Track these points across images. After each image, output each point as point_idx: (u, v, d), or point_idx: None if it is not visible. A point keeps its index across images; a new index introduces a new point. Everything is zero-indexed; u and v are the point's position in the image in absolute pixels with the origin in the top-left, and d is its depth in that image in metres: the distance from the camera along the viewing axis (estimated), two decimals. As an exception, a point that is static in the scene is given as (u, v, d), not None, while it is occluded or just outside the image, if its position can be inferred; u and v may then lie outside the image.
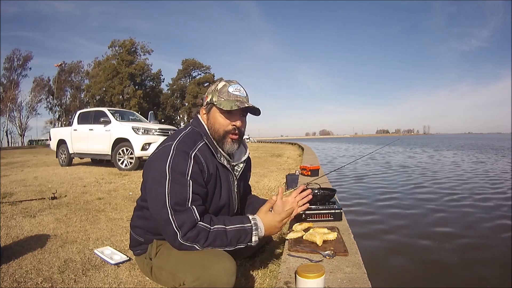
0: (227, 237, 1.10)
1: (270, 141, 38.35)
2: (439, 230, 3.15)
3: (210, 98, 1.25)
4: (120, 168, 6.51)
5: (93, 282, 1.62)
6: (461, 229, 3.16)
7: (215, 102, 1.23)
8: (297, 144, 19.81)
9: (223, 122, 1.23)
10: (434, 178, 6.67)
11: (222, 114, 1.23)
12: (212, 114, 1.25)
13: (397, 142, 31.93)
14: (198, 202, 1.11)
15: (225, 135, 1.24)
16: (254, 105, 1.23)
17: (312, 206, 1.83)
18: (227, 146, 1.25)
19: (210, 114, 1.26)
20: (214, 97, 1.24)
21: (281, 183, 4.40)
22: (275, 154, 11.85)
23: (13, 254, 1.94)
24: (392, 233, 3.08)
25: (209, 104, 1.26)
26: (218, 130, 1.24)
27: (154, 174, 1.13)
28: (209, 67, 49.27)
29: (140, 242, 1.31)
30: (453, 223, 3.38)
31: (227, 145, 1.24)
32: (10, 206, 3.27)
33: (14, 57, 39.49)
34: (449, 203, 4.27)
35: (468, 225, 3.29)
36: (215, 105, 1.23)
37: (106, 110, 7.32)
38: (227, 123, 1.23)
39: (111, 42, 42.67)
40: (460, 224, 3.33)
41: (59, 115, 44.13)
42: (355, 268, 1.21)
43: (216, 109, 1.24)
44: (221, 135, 1.23)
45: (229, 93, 1.23)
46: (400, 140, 42.75)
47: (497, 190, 5.16)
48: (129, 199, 3.61)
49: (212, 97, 1.24)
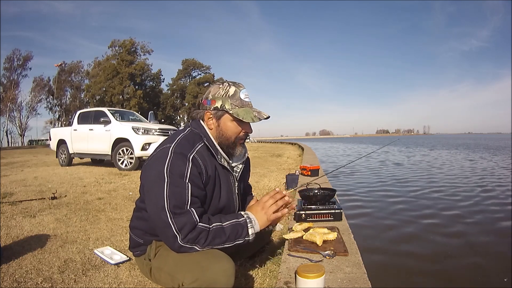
0: (225, 234, 1.10)
1: (270, 141, 38.33)
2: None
3: (220, 104, 1.21)
4: (120, 168, 6.51)
5: (93, 282, 1.62)
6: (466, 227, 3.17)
7: (229, 110, 1.20)
8: (297, 144, 19.80)
9: (235, 130, 1.23)
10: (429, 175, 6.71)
11: (235, 121, 1.22)
12: (223, 121, 1.23)
13: (397, 142, 31.95)
14: (197, 204, 1.10)
15: (237, 141, 1.25)
16: (269, 115, 1.25)
17: (312, 206, 1.84)
18: (238, 151, 1.27)
19: (221, 120, 1.23)
20: (226, 104, 1.20)
21: (281, 183, 4.40)
22: (275, 154, 11.85)
23: (13, 254, 1.94)
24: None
25: (219, 111, 1.22)
26: (230, 137, 1.23)
27: (152, 177, 1.12)
28: (209, 67, 49.31)
29: (140, 243, 1.31)
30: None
31: (237, 150, 1.26)
32: (10, 206, 3.27)
33: (14, 57, 39.52)
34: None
35: (470, 226, 3.30)
36: (230, 113, 1.21)
37: (106, 110, 7.31)
38: (239, 130, 1.23)
39: (111, 42, 42.69)
40: (461, 223, 3.34)
41: (59, 115, 44.16)
42: (355, 268, 1.21)
43: (229, 117, 1.22)
44: (232, 142, 1.24)
45: (242, 101, 1.21)
46: (400, 140, 42.79)
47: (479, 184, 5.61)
48: (129, 199, 3.61)
49: (224, 103, 1.21)
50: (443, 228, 3.21)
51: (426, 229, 3.20)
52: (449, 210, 3.91)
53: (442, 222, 3.43)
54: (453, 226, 3.28)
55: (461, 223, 3.37)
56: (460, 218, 3.57)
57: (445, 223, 3.37)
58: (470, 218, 3.57)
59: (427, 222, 3.43)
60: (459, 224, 3.33)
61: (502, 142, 30.97)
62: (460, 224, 3.33)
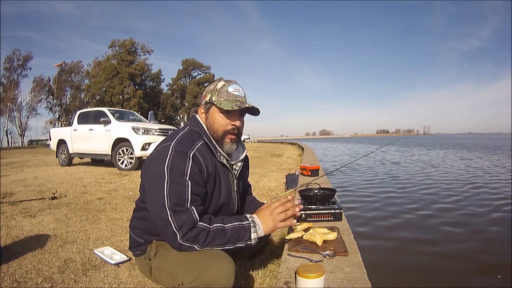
0: (226, 235, 1.10)
1: (270, 141, 38.33)
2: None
3: (209, 97, 1.25)
4: (120, 168, 6.51)
5: (93, 282, 1.62)
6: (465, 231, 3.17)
7: (214, 101, 1.22)
8: (297, 144, 19.80)
9: (222, 122, 1.23)
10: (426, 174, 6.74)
11: (221, 114, 1.23)
12: (211, 114, 1.25)
13: (396, 142, 31.98)
14: (197, 202, 1.10)
15: (224, 135, 1.24)
16: (254, 105, 1.23)
17: (312, 206, 1.83)
18: (226, 147, 1.25)
19: (209, 113, 1.25)
20: (213, 96, 1.23)
21: (281, 183, 4.40)
22: (275, 154, 11.84)
23: (13, 254, 1.94)
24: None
25: (208, 104, 1.25)
26: (217, 130, 1.23)
27: (152, 175, 1.12)
28: (209, 67, 49.23)
29: (140, 243, 1.30)
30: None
31: (226, 145, 1.25)
32: (10, 206, 3.27)
33: (14, 57, 39.48)
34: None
35: (471, 229, 3.31)
36: (215, 104, 1.22)
37: (106, 110, 7.31)
38: (226, 122, 1.23)
39: (111, 42, 42.63)
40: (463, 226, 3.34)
41: (59, 115, 44.12)
42: (355, 268, 1.21)
43: (216, 109, 1.23)
44: (220, 135, 1.23)
45: (228, 93, 1.23)
46: (400, 140, 42.85)
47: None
48: (129, 199, 3.61)
49: (211, 96, 1.24)
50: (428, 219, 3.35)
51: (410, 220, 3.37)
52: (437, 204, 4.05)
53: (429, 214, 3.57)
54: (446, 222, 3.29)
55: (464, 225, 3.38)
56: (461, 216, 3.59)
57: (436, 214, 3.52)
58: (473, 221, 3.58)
59: (413, 215, 3.57)
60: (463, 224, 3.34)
61: (501, 142, 31.12)
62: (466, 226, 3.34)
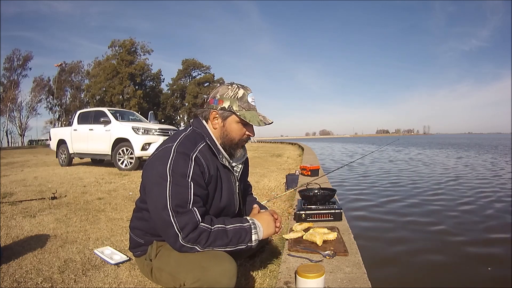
0: (227, 236, 1.10)
1: (270, 141, 38.27)
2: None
3: (228, 105, 1.23)
4: (120, 168, 6.51)
5: (93, 282, 1.62)
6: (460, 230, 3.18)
7: (236, 111, 1.22)
8: (297, 144, 19.80)
9: (240, 132, 1.25)
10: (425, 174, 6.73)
11: (241, 124, 1.24)
12: (229, 122, 1.24)
13: (396, 142, 32.01)
14: (199, 204, 1.10)
15: (240, 143, 1.27)
16: (272, 121, 1.27)
17: (312, 206, 1.84)
18: (239, 152, 1.29)
19: (227, 121, 1.24)
20: (233, 105, 1.22)
21: (281, 183, 4.40)
22: (275, 154, 11.85)
23: (13, 254, 1.94)
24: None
25: (226, 111, 1.23)
26: (234, 138, 1.25)
27: (154, 176, 1.12)
28: (209, 67, 49.23)
29: (140, 244, 1.30)
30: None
31: (239, 151, 1.29)
32: (10, 206, 3.27)
33: (14, 57, 39.44)
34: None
35: (469, 229, 3.31)
36: (237, 115, 1.22)
37: (106, 110, 7.31)
38: (243, 132, 1.26)
39: (111, 42, 42.61)
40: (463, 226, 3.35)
41: (59, 115, 44.10)
42: (355, 268, 1.21)
43: (236, 118, 1.23)
44: (235, 143, 1.26)
45: (249, 104, 1.24)
46: (400, 140, 42.87)
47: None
48: (129, 199, 3.61)
49: (232, 105, 1.22)
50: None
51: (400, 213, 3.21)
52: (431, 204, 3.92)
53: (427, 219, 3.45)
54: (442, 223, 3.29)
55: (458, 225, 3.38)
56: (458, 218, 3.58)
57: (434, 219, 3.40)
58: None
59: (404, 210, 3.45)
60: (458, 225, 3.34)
61: (500, 141, 31.22)
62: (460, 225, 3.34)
